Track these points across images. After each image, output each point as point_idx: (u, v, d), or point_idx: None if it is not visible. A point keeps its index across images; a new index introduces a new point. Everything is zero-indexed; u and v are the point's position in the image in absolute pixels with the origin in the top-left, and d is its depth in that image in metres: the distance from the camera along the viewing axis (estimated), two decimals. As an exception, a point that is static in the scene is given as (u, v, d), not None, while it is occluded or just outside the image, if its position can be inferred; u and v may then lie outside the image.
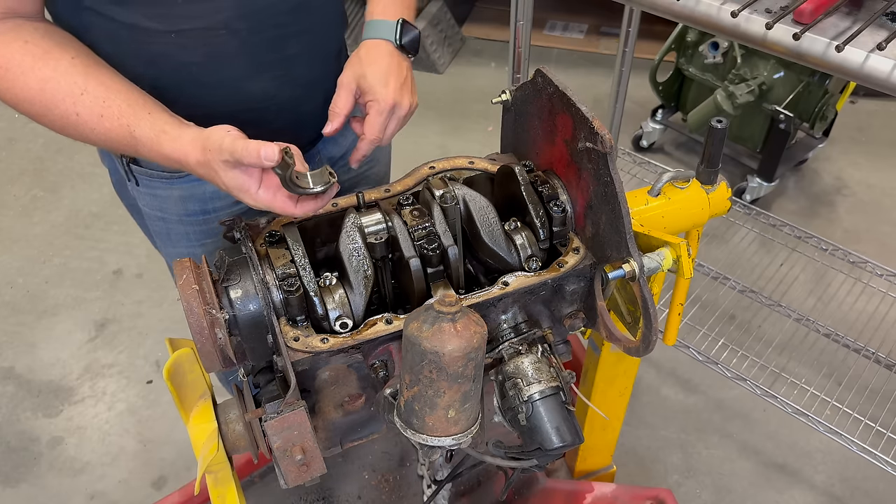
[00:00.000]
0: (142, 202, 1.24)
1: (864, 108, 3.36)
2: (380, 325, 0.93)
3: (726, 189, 1.18)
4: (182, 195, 1.20)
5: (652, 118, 3.10)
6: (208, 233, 1.25)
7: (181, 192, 1.20)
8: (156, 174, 1.18)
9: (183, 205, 1.21)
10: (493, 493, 1.48)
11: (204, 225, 1.24)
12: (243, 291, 0.94)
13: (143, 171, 1.18)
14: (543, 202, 1.03)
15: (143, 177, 1.19)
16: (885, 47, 1.26)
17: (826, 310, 2.34)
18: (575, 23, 3.92)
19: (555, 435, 0.91)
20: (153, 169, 1.17)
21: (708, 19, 1.46)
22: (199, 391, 0.97)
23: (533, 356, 0.96)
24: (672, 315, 1.14)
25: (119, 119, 0.95)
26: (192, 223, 1.24)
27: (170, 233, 1.26)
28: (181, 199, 1.21)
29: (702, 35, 2.76)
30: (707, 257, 2.50)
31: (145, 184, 1.20)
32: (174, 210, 1.22)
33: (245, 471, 1.57)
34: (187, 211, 1.22)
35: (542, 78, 1.02)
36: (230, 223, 1.03)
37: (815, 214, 2.89)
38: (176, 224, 1.24)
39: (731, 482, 2.09)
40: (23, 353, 2.45)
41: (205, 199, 1.21)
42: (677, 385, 2.32)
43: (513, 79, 2.13)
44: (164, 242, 1.30)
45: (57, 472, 2.13)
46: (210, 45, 1.04)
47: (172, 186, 1.19)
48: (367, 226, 1.02)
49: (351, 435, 1.03)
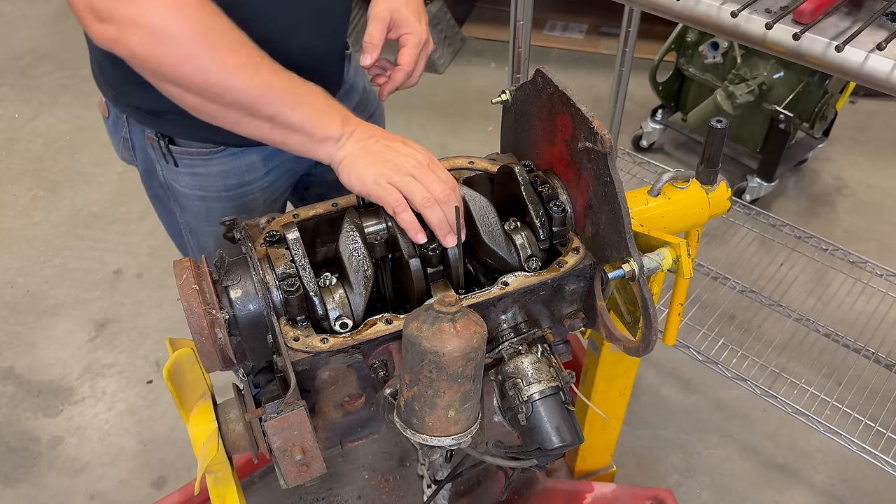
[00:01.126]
0: (180, 184, 1.26)
1: (864, 108, 3.36)
2: (380, 325, 0.93)
3: (726, 189, 1.18)
4: (221, 170, 1.24)
5: (652, 118, 3.10)
6: (242, 206, 1.30)
7: (220, 168, 1.23)
8: (195, 152, 1.21)
9: (222, 180, 1.25)
10: (493, 493, 1.48)
11: (240, 199, 1.29)
12: (243, 291, 0.94)
13: (182, 151, 1.21)
14: (543, 202, 1.03)
15: (182, 156, 1.22)
16: (884, 47, 1.26)
17: (826, 310, 2.34)
18: (575, 23, 3.92)
19: (555, 435, 0.91)
20: (192, 147, 1.21)
21: (708, 19, 1.46)
22: (199, 391, 0.97)
23: (533, 356, 0.96)
24: (672, 315, 1.14)
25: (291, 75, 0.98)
26: (230, 198, 1.28)
27: (208, 211, 1.29)
28: (220, 175, 1.24)
29: (702, 35, 2.76)
30: (707, 257, 2.50)
31: (185, 163, 1.23)
32: (214, 186, 1.26)
33: (245, 471, 1.57)
34: (226, 186, 1.26)
35: (542, 78, 1.02)
36: (230, 223, 1.03)
37: (815, 214, 2.89)
38: (215, 201, 1.28)
39: (731, 482, 2.09)
40: (23, 353, 2.45)
41: (241, 172, 1.25)
42: (677, 385, 2.32)
43: (513, 79, 2.13)
44: (201, 223, 1.32)
45: (57, 472, 2.13)
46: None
47: (211, 162, 1.23)
48: (366, 226, 1.02)
49: (351, 435, 1.03)
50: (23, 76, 3.76)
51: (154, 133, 1.19)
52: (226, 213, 1.26)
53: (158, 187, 1.30)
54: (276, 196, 1.35)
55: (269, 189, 1.32)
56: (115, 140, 1.29)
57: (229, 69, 0.92)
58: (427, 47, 1.20)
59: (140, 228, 2.86)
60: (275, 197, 1.35)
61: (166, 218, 1.39)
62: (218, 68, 0.92)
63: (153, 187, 1.32)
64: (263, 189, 1.31)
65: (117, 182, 3.07)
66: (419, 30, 1.17)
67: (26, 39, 4.02)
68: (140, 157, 1.28)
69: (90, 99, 3.56)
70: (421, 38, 1.17)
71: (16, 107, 3.55)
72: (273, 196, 1.34)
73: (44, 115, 3.49)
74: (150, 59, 0.91)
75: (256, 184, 1.28)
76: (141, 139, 1.23)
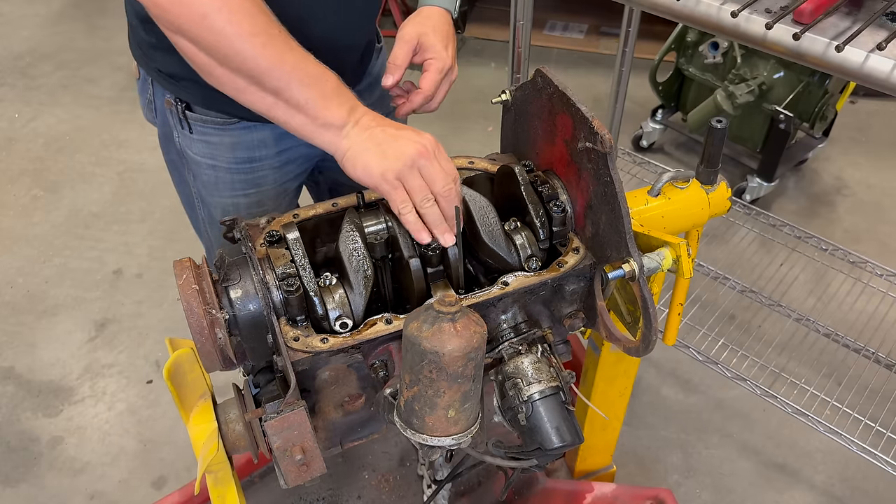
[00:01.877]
0: (194, 150, 1.28)
1: (864, 108, 3.36)
2: (380, 325, 0.93)
3: (726, 189, 1.18)
4: (233, 142, 1.26)
5: (652, 118, 3.10)
6: (252, 182, 1.31)
7: (232, 139, 1.25)
8: (210, 120, 1.23)
9: (233, 152, 1.27)
10: (493, 493, 1.48)
11: (250, 174, 1.30)
12: (243, 291, 0.94)
13: (197, 118, 1.23)
14: (543, 202, 1.03)
15: (197, 123, 1.24)
16: (885, 47, 1.26)
17: (826, 310, 2.34)
18: (575, 23, 3.92)
19: (555, 435, 0.91)
20: (207, 115, 1.23)
21: (708, 19, 1.46)
22: (199, 391, 0.97)
23: (533, 356, 0.96)
24: (672, 315, 1.14)
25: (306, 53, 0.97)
26: (240, 171, 1.30)
27: (218, 181, 1.31)
28: (231, 146, 1.26)
29: (702, 35, 2.76)
30: (707, 257, 2.50)
31: (199, 130, 1.25)
32: (224, 157, 1.28)
33: (245, 471, 1.57)
34: (236, 158, 1.28)
35: (542, 78, 1.02)
36: (230, 223, 1.03)
37: (815, 214, 2.89)
38: (225, 172, 1.30)
39: (731, 482, 2.09)
40: (23, 353, 2.45)
41: (252, 147, 1.27)
42: (677, 385, 2.32)
43: (513, 79, 2.13)
44: (210, 192, 1.34)
45: (57, 472, 2.13)
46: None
47: (224, 133, 1.25)
48: (366, 226, 1.02)
49: (351, 435, 1.03)
50: (23, 76, 3.76)
51: (173, 98, 1.22)
52: (235, 185, 1.31)
53: (175, 153, 1.33)
54: (288, 178, 1.36)
55: (281, 170, 1.33)
56: (143, 101, 1.32)
57: (243, 34, 0.93)
58: (451, 75, 1.19)
59: (140, 228, 2.86)
60: (287, 179, 1.35)
61: (181, 187, 1.41)
62: (231, 31, 0.92)
63: (170, 152, 1.35)
64: (275, 168, 1.32)
65: (117, 182, 3.07)
66: (444, 56, 1.16)
67: (26, 39, 4.02)
68: (160, 121, 1.31)
69: (90, 99, 3.57)
70: (445, 65, 1.17)
71: (16, 107, 3.55)
72: (285, 178, 1.35)
73: (44, 115, 3.49)
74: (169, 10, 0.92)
75: (267, 161, 1.30)
76: (162, 103, 1.26)
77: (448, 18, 1.21)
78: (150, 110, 1.31)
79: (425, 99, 1.17)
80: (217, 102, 1.14)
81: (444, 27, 1.19)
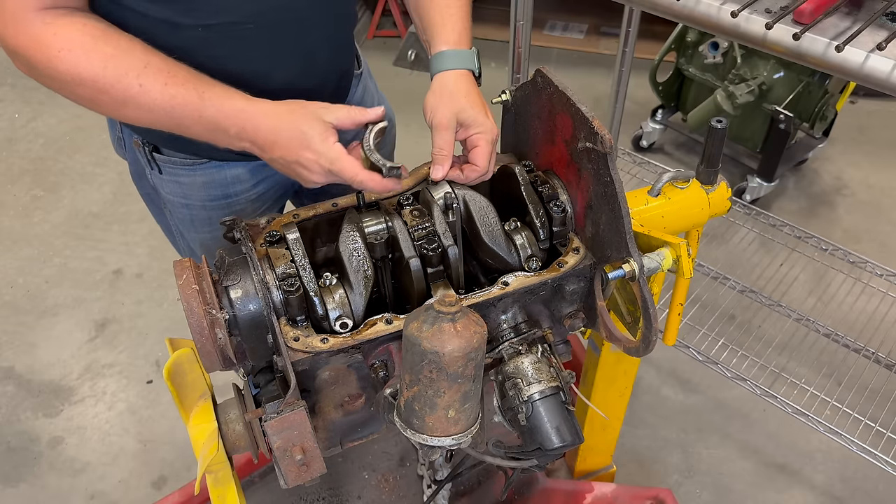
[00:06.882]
0: (165, 190, 1.26)
1: (864, 108, 3.36)
2: (380, 325, 0.93)
3: (726, 189, 1.18)
4: (205, 181, 1.23)
5: (652, 118, 3.10)
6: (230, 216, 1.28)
7: (203, 178, 1.23)
8: (178, 161, 1.21)
9: (206, 190, 1.24)
10: (493, 493, 1.48)
11: (227, 209, 1.27)
12: (243, 291, 0.94)
13: (165, 160, 1.21)
14: (543, 202, 1.03)
15: (166, 165, 1.22)
16: (885, 47, 1.26)
17: (826, 310, 2.34)
18: (575, 23, 3.92)
19: (555, 435, 0.91)
20: (176, 157, 1.20)
21: (708, 19, 1.46)
22: (199, 391, 0.97)
23: (533, 356, 0.96)
24: (672, 315, 1.14)
25: (185, 84, 0.96)
26: (216, 207, 1.27)
27: (194, 219, 1.29)
28: (204, 185, 1.24)
29: (702, 35, 2.76)
30: (707, 257, 2.50)
31: (168, 171, 1.23)
32: (197, 196, 1.25)
33: (245, 471, 1.57)
34: (210, 196, 1.25)
35: (542, 78, 1.02)
36: (230, 223, 1.03)
37: (815, 214, 2.89)
38: (199, 210, 1.27)
39: (731, 482, 2.09)
40: (23, 353, 2.45)
41: (226, 184, 1.24)
42: (677, 385, 2.32)
43: (513, 79, 2.13)
44: (187, 229, 1.32)
45: (57, 472, 2.13)
46: (237, 39, 1.05)
47: (195, 173, 1.22)
48: (367, 226, 1.02)
49: (351, 435, 1.03)
50: (23, 76, 3.72)
51: (140, 139, 1.20)
52: (212, 222, 1.27)
53: (149, 187, 1.31)
54: (267, 206, 1.33)
55: (259, 200, 1.30)
56: (112, 136, 1.30)
57: (115, 106, 0.97)
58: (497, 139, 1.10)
59: (140, 228, 2.86)
60: (266, 206, 1.33)
61: (159, 218, 1.39)
62: (82, 93, 0.96)
63: (144, 187, 1.33)
64: (252, 200, 1.29)
65: (117, 182, 3.06)
66: (489, 126, 1.07)
67: (26, 39, 4.01)
68: (130, 158, 1.29)
69: (90, 99, 3.57)
70: (494, 135, 1.08)
71: (16, 107, 3.55)
72: (264, 206, 1.32)
73: (44, 115, 3.49)
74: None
75: (243, 195, 1.27)
76: (131, 142, 1.23)
77: (471, 78, 1.12)
78: (120, 146, 1.28)
79: (482, 175, 1.08)
80: (183, 143, 1.09)
81: (474, 92, 1.10)
